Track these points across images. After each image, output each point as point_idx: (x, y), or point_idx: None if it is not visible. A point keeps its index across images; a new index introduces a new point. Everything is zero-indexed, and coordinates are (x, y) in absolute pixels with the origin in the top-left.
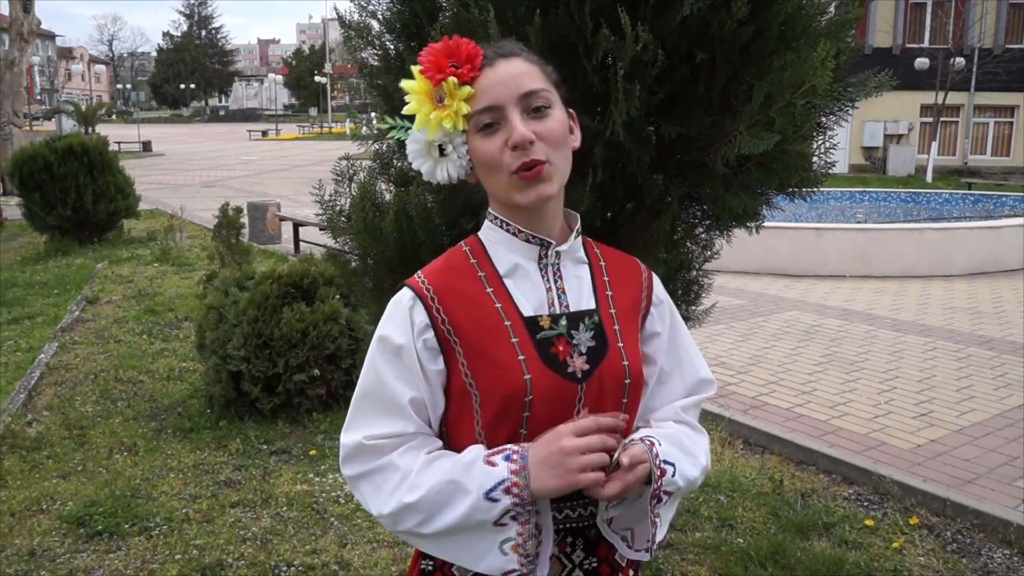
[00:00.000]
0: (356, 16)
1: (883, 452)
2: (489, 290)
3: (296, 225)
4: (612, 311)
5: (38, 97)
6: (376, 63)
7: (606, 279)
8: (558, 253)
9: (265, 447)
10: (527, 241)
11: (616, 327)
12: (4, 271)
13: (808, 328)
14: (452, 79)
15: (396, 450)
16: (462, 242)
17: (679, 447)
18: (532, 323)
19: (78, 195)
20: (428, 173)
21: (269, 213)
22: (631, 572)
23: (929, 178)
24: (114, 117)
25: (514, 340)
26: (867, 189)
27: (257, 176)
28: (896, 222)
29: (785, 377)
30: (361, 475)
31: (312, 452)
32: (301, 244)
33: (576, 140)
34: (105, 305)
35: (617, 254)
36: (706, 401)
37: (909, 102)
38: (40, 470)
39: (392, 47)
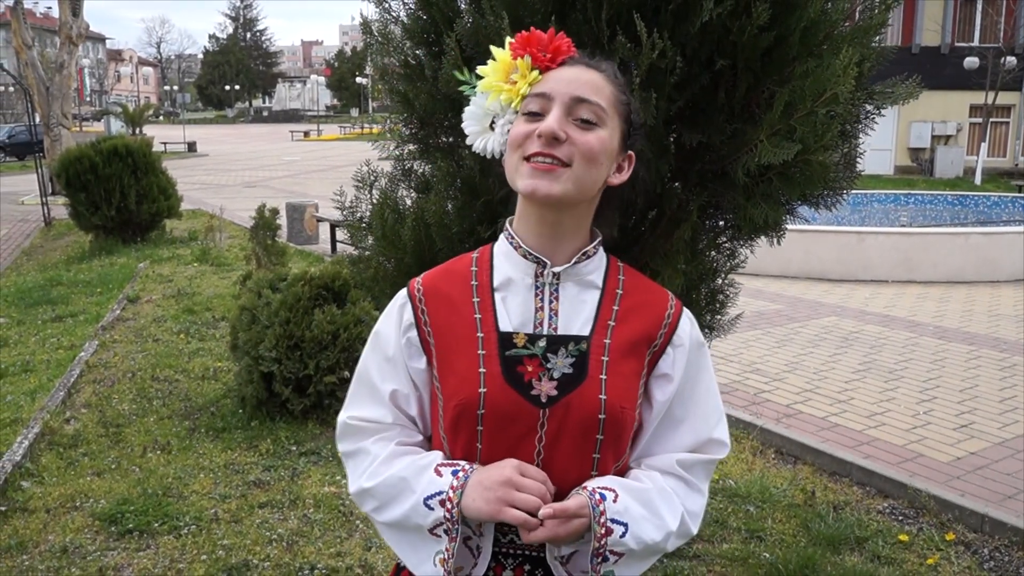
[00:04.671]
0: (377, 22)
1: (920, 464)
2: (476, 300)
3: (332, 226)
4: (607, 342)
5: (88, 99)
6: (398, 69)
7: (615, 309)
8: (556, 274)
9: (295, 448)
10: (524, 257)
11: (604, 358)
12: (50, 270)
13: (847, 334)
14: (527, 58)
15: (373, 436)
16: (479, 248)
17: (645, 505)
18: (505, 339)
19: (122, 195)
20: (473, 137)
21: (306, 214)
22: None
23: (978, 180)
24: (161, 118)
25: (480, 352)
26: (913, 192)
27: (298, 176)
28: (941, 226)
29: (821, 385)
30: (347, 453)
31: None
32: (338, 245)
33: (619, 178)
34: (145, 304)
35: (645, 285)
36: (733, 407)
37: (958, 102)
38: (76, 467)
39: (411, 54)
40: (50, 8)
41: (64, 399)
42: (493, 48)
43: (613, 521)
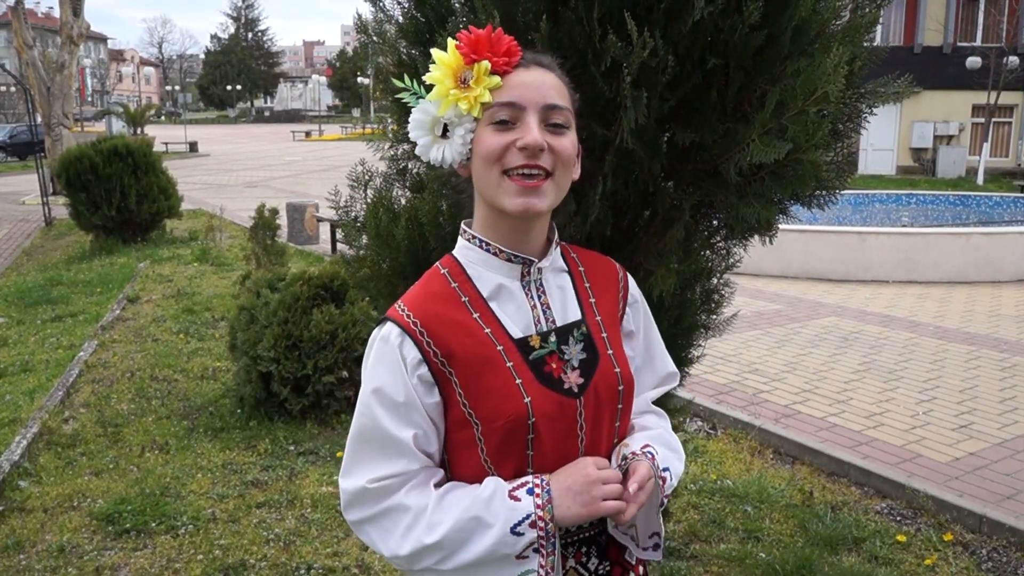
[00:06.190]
0: (373, 22)
1: (919, 465)
2: (475, 315)
3: (333, 226)
4: (598, 319)
5: (89, 99)
6: (392, 68)
7: (587, 286)
8: (539, 269)
9: (293, 448)
10: (508, 260)
11: (604, 335)
12: (50, 269)
13: (847, 335)
14: (485, 63)
15: (402, 489)
16: (438, 263)
17: (667, 447)
18: (523, 344)
19: (122, 195)
20: (423, 149)
21: (307, 214)
22: (640, 569)
23: (980, 180)
24: (163, 118)
25: (509, 364)
26: (914, 192)
27: (299, 176)
28: (943, 226)
29: (820, 385)
30: (366, 519)
31: (339, 454)
32: (338, 245)
33: (576, 173)
34: (145, 304)
35: (593, 256)
36: (731, 407)
37: (960, 102)
38: (74, 467)
39: (406, 53)
40: (51, 8)
41: (63, 399)
42: (435, 52)
43: (664, 471)
